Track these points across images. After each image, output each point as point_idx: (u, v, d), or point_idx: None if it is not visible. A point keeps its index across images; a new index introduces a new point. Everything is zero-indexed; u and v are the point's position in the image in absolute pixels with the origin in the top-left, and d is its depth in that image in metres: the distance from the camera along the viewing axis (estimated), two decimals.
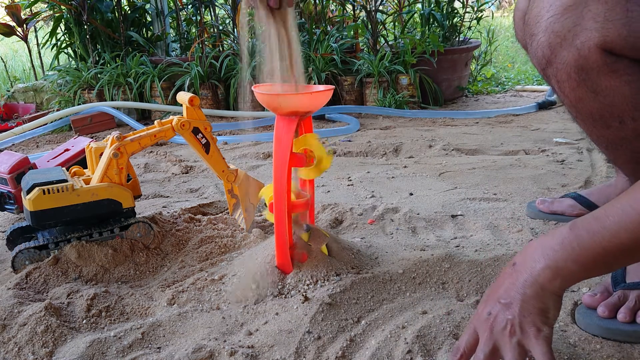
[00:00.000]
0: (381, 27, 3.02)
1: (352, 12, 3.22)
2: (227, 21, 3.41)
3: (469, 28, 3.24)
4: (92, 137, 2.55)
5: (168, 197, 1.68)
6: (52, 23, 3.18)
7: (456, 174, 1.73)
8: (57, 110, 2.79)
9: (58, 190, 1.09)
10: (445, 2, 3.05)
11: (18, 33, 3.20)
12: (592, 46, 0.70)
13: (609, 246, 0.63)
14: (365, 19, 2.98)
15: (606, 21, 0.68)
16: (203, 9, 3.19)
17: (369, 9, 2.90)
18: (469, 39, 3.24)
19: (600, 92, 0.73)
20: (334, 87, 0.97)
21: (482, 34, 3.50)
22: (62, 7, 3.02)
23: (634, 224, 0.61)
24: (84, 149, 1.61)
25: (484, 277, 1.01)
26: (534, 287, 0.67)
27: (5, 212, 1.40)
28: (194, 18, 3.39)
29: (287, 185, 0.96)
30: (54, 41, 3.20)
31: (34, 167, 1.44)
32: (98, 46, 3.13)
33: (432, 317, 0.89)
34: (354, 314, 0.92)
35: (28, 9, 3.39)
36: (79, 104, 2.84)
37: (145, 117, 2.98)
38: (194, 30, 3.51)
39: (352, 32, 3.05)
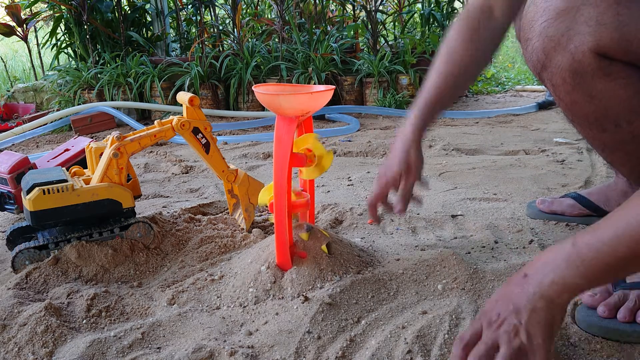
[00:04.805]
0: (381, 27, 3.02)
1: (352, 12, 3.22)
2: (227, 21, 3.41)
3: None
4: (92, 137, 2.55)
5: (168, 197, 1.68)
6: (52, 23, 3.18)
7: (456, 174, 1.73)
8: (57, 110, 2.79)
9: (58, 190, 1.09)
10: (445, 2, 3.05)
11: (18, 33, 3.20)
12: (586, 50, 0.69)
13: (611, 261, 0.64)
14: (365, 19, 2.98)
15: (598, 25, 0.68)
16: (203, 9, 3.19)
17: (369, 9, 2.90)
18: None
19: (595, 96, 0.73)
20: (334, 87, 0.97)
21: None
22: (62, 7, 3.02)
23: (631, 239, 0.62)
24: (84, 149, 1.61)
25: (484, 278, 1.01)
26: (543, 300, 0.68)
27: (5, 212, 1.40)
28: (194, 18, 3.39)
29: (287, 185, 0.96)
30: (54, 41, 3.20)
31: (34, 167, 1.44)
32: (98, 46, 3.13)
33: (432, 317, 0.89)
34: (354, 314, 0.92)
35: (28, 9, 3.39)
36: (79, 104, 2.84)
37: (145, 117, 2.98)
38: (194, 30, 3.51)
39: (352, 32, 3.05)
